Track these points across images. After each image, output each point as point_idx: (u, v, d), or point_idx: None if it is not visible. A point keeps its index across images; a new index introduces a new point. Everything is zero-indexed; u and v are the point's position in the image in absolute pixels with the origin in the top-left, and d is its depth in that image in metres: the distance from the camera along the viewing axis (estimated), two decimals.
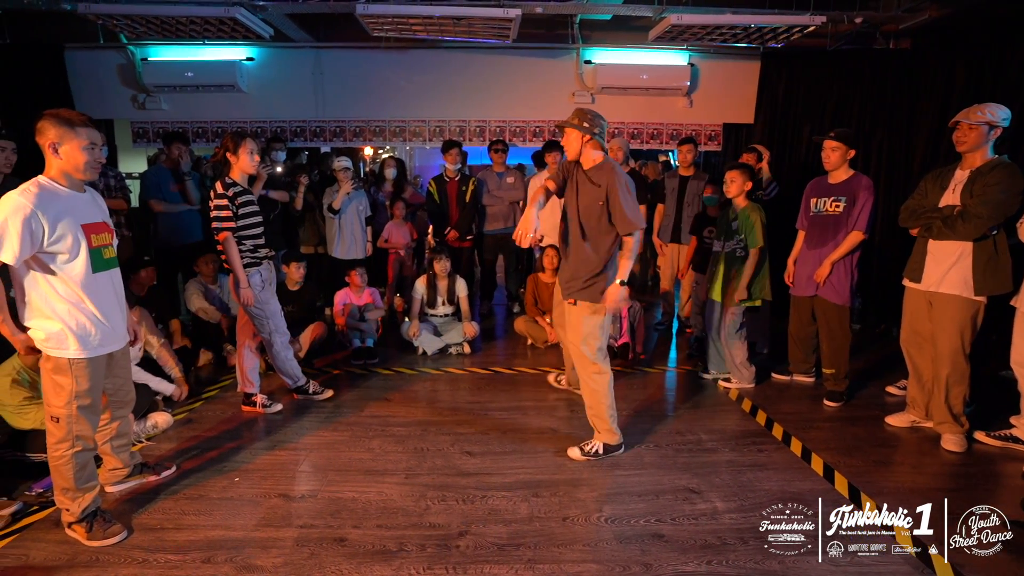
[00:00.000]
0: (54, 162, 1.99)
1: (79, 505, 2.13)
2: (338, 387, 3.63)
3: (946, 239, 2.80)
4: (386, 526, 2.25)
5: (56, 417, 2.05)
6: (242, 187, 3.05)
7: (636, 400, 3.51)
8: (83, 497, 2.13)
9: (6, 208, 1.87)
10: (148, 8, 4.10)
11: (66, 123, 1.97)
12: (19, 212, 1.86)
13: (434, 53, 5.40)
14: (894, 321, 4.70)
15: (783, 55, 5.22)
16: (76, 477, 2.10)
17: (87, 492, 2.14)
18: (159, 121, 5.43)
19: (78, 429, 2.07)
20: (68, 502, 2.13)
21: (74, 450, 2.08)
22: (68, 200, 2.01)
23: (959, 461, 2.79)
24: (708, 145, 5.69)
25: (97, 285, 2.08)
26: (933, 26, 4.61)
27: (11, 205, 1.87)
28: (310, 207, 4.90)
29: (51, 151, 1.97)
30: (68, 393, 2.04)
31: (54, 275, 2.00)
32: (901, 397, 3.41)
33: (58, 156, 1.97)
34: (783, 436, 3.03)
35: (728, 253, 3.54)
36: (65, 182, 2.03)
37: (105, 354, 2.15)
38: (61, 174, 2.02)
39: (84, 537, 2.13)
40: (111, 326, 2.14)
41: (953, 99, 4.40)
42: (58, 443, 2.07)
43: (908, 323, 3.07)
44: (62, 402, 2.04)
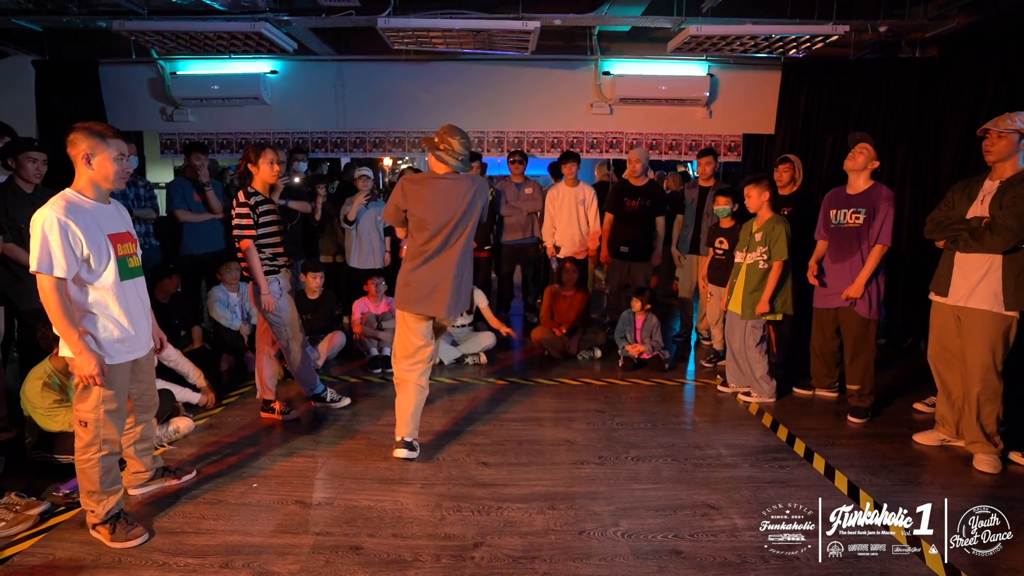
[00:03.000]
0: (85, 173, 2.07)
1: (103, 507, 2.18)
2: (355, 395, 3.65)
3: (974, 252, 2.72)
4: (401, 535, 2.25)
5: (84, 421, 2.11)
6: (263, 196, 3.11)
7: (654, 413, 3.47)
8: (107, 500, 2.19)
9: (42, 225, 1.95)
10: (178, 24, 4.24)
11: (98, 135, 2.04)
12: (55, 226, 1.94)
13: (453, 65, 5.47)
14: (921, 335, 4.59)
15: (804, 64, 5.17)
16: (102, 480, 2.16)
17: (111, 495, 2.20)
18: (186, 133, 5.57)
19: (105, 433, 2.13)
20: (93, 504, 2.18)
21: (100, 454, 2.13)
22: (94, 211, 2.08)
23: (993, 483, 2.69)
24: (728, 156, 5.63)
25: (124, 293, 2.15)
26: (961, 34, 4.52)
27: (46, 221, 1.95)
28: (329, 217, 4.98)
29: (84, 162, 2.04)
30: (96, 398, 2.10)
31: (84, 284, 2.06)
32: (930, 414, 3.30)
33: (90, 167, 2.05)
34: (805, 452, 2.96)
35: (750, 265, 3.49)
36: (92, 194, 2.10)
37: (131, 360, 2.21)
38: (90, 185, 2.09)
39: (107, 539, 2.18)
40: (136, 333, 2.20)
41: (983, 108, 4.30)
42: (86, 447, 2.13)
43: (936, 338, 2.98)
44: (90, 407, 2.10)
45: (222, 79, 5.29)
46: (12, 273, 3.09)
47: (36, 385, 2.60)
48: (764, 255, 3.42)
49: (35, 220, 1.96)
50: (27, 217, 3.00)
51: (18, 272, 3.09)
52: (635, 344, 4.20)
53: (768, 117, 5.43)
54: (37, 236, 1.94)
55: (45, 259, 1.94)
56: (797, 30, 4.26)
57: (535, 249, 5.21)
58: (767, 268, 3.41)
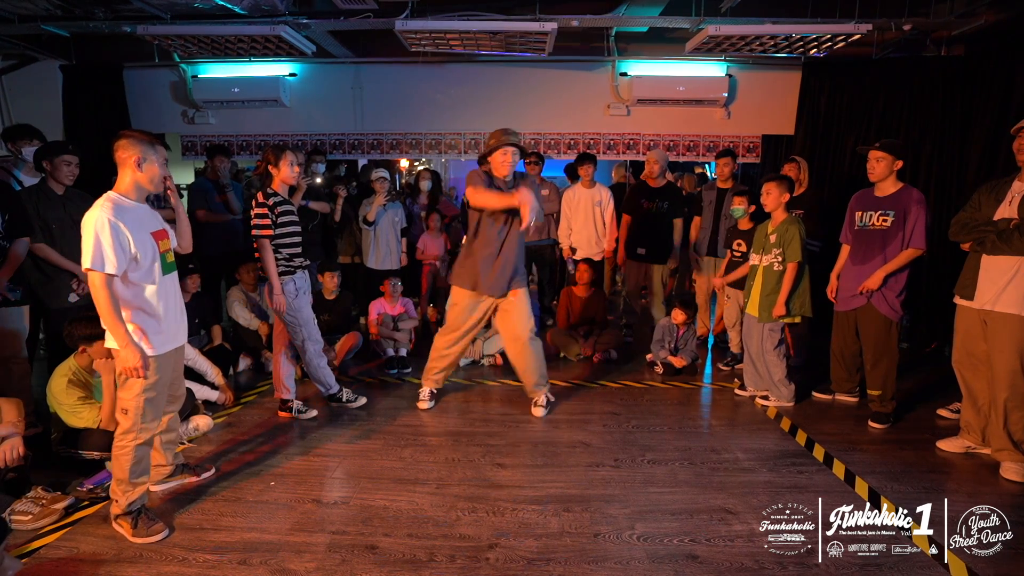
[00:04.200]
0: (132, 176, 2.18)
1: (127, 499, 2.24)
2: (371, 395, 3.68)
3: (1001, 254, 2.65)
4: (416, 535, 2.26)
5: (126, 409, 2.21)
6: (282, 197, 3.15)
7: (670, 416, 3.44)
8: (132, 491, 2.25)
9: (94, 225, 2.05)
10: (200, 28, 4.32)
11: (148, 143, 2.19)
12: (105, 226, 2.05)
13: (470, 67, 5.49)
14: (945, 339, 4.49)
15: (825, 64, 5.09)
16: (131, 470, 2.23)
17: (137, 487, 2.26)
18: (207, 135, 5.67)
19: (143, 422, 2.23)
20: (119, 494, 2.25)
21: (136, 442, 2.22)
22: (136, 211, 2.19)
23: (1020, 491, 2.62)
24: (746, 157, 5.57)
25: (164, 287, 2.27)
26: (989, 31, 4.41)
27: (97, 221, 2.05)
28: (347, 218, 5.02)
29: (135, 166, 2.16)
30: (138, 387, 2.19)
31: (130, 280, 2.16)
32: (954, 420, 3.23)
33: (140, 170, 2.17)
34: (824, 458, 2.91)
35: (766, 267, 3.45)
36: (134, 195, 2.20)
37: (171, 350, 2.31)
38: (134, 187, 2.19)
39: (129, 533, 2.23)
40: (175, 325, 2.34)
41: (1011, 108, 4.20)
42: (124, 433, 2.22)
43: (961, 343, 2.91)
44: (132, 395, 2.20)
45: (242, 82, 5.37)
46: (43, 272, 3.17)
47: (61, 382, 2.66)
48: (779, 257, 3.38)
49: (87, 221, 2.06)
50: (59, 218, 3.13)
51: (48, 271, 3.17)
52: (678, 357, 4.15)
53: (788, 118, 5.35)
54: (90, 236, 2.04)
55: (98, 257, 2.04)
56: (818, 29, 4.20)
57: (551, 251, 5.20)
58: (782, 270, 3.37)
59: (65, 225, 3.15)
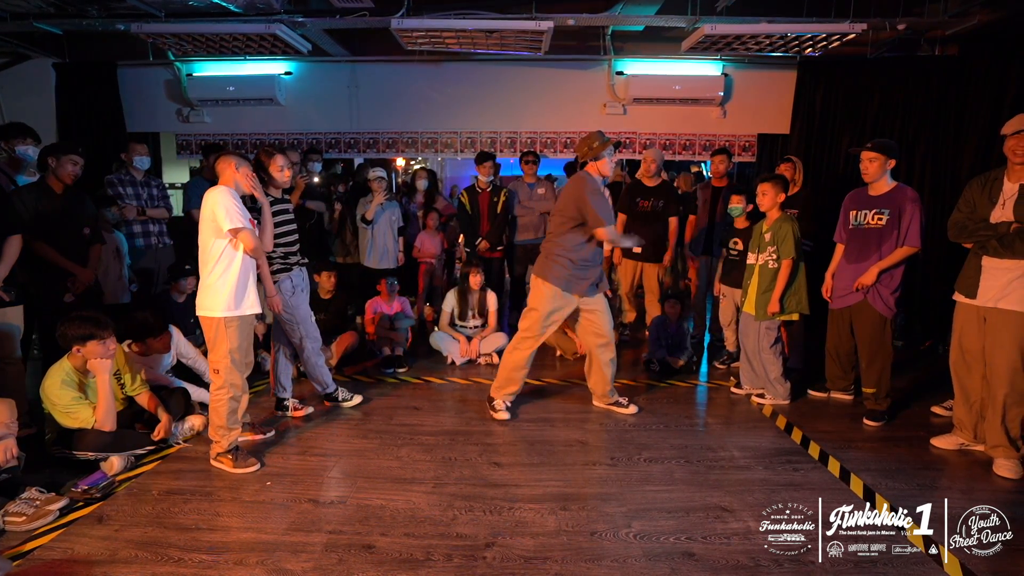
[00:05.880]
0: (230, 177, 2.68)
1: (227, 440, 2.71)
2: (368, 395, 3.67)
3: (1004, 258, 2.67)
4: (413, 535, 2.26)
5: (216, 368, 2.66)
6: (275, 198, 3.13)
7: (666, 414, 3.45)
8: (230, 434, 2.71)
9: (216, 197, 2.54)
10: (195, 26, 4.29)
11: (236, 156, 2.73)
12: (226, 193, 2.56)
13: (466, 66, 5.48)
14: (940, 337, 4.52)
15: (820, 63, 5.11)
16: (228, 417, 2.68)
17: (233, 431, 2.73)
18: (201, 134, 5.64)
19: (231, 378, 2.66)
20: (219, 437, 2.70)
21: (228, 395, 2.66)
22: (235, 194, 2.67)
23: (1014, 488, 2.64)
24: (742, 156, 5.59)
25: (247, 260, 2.67)
26: (983, 31, 4.44)
27: (218, 193, 2.56)
28: (342, 218, 5.01)
29: (234, 170, 2.68)
30: (225, 347, 2.62)
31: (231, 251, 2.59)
32: (948, 418, 3.24)
33: (239, 173, 2.68)
34: (820, 455, 2.92)
35: (762, 266, 3.46)
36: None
37: (252, 315, 2.70)
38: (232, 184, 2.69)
39: (231, 466, 2.69)
40: (255, 292, 2.74)
41: (1004, 108, 4.23)
42: (218, 389, 2.67)
43: (958, 340, 2.92)
44: (221, 355, 2.63)
45: (237, 80, 5.35)
46: (38, 270, 3.15)
47: (55, 383, 2.64)
48: (774, 255, 3.39)
49: (211, 198, 2.54)
50: (57, 216, 3.11)
51: (42, 270, 3.15)
52: (675, 357, 4.15)
53: (783, 117, 5.37)
54: (222, 205, 2.51)
55: (236, 217, 2.52)
56: (813, 29, 4.21)
57: None
58: (778, 268, 3.38)
59: (63, 223, 3.13)
